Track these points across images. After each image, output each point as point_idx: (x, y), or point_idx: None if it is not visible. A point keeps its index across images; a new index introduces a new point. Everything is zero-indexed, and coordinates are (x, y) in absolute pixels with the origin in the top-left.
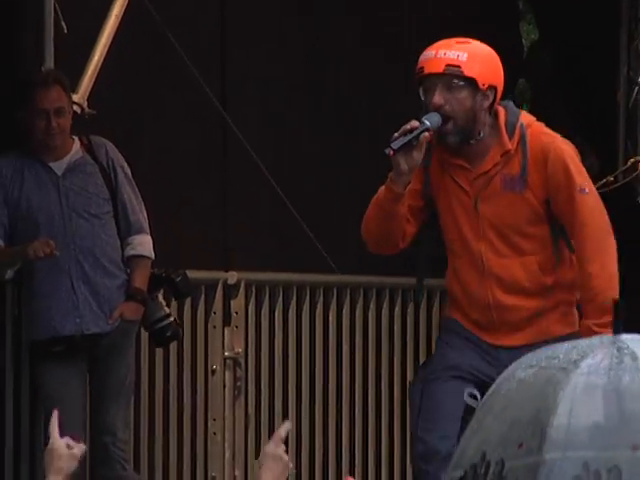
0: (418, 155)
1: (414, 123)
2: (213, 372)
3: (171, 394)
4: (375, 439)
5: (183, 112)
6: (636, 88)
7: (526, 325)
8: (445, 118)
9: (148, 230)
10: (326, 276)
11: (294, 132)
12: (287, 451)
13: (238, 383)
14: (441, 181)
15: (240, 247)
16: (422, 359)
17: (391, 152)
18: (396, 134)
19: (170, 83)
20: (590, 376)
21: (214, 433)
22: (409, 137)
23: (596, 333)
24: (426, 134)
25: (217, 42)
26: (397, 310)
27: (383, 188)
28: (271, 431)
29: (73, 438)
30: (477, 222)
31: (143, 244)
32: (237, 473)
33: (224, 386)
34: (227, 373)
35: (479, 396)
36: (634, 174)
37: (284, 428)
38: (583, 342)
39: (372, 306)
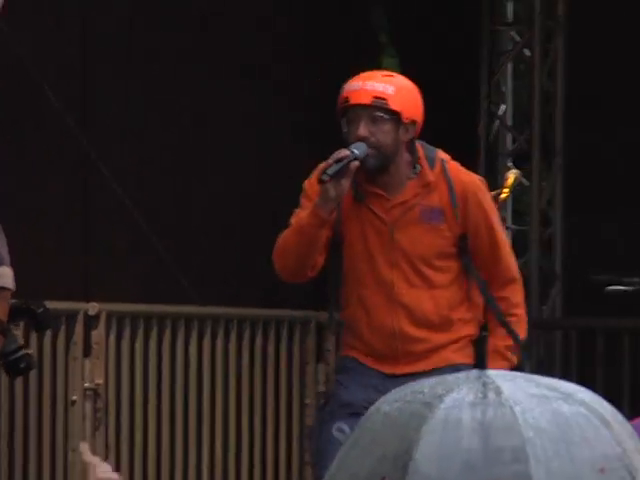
0: (346, 183)
1: (344, 152)
2: (73, 403)
3: (31, 425)
4: (235, 467)
5: (44, 143)
6: (497, 121)
7: (427, 355)
8: (369, 148)
9: (8, 261)
10: (188, 307)
11: (156, 163)
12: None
13: (98, 414)
14: (354, 210)
15: (101, 278)
16: (283, 387)
17: (328, 179)
18: (329, 160)
19: (29, 113)
20: (454, 410)
21: (74, 464)
22: (341, 165)
23: (498, 360)
24: (355, 162)
25: (79, 75)
26: (258, 341)
27: (304, 215)
28: (131, 462)
29: None
30: (391, 251)
31: (3, 276)
32: None
33: (84, 417)
34: (87, 404)
35: (348, 430)
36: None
37: None
38: (449, 377)
39: (233, 337)
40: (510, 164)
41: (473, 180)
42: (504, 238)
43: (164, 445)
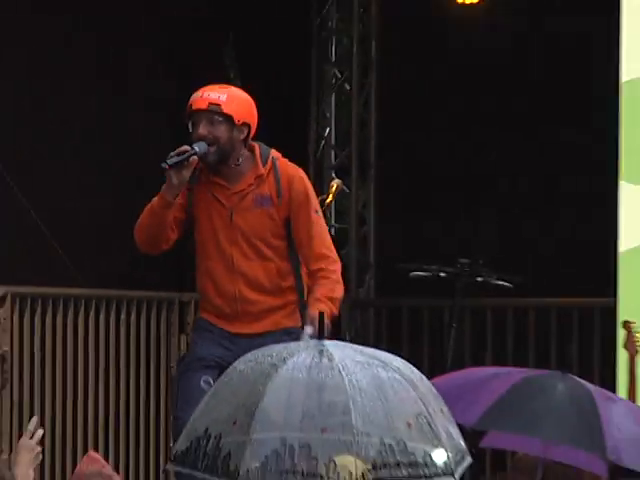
0: (187, 173)
1: (186, 147)
2: None
3: None
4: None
5: None
6: (322, 141)
7: (262, 317)
8: (209, 145)
9: None
10: (78, 289)
11: (43, 146)
12: (42, 442)
13: (5, 375)
14: (203, 198)
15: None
16: (153, 355)
17: (167, 166)
18: (172, 153)
19: None
20: (295, 371)
21: None
22: (181, 157)
23: (320, 304)
24: (195, 157)
25: None
26: (132, 318)
27: (156, 197)
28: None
29: None
30: (231, 230)
31: None
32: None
33: None
34: None
35: (212, 382)
36: (326, 201)
37: (32, 422)
38: (293, 344)
39: (113, 316)
40: (333, 175)
41: (297, 172)
42: (320, 221)
43: (58, 404)
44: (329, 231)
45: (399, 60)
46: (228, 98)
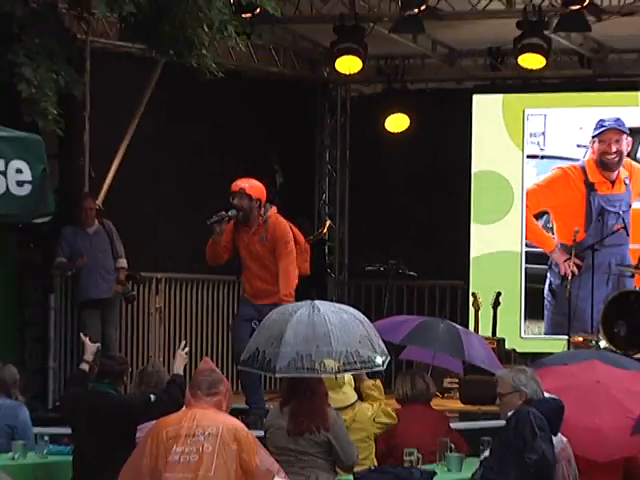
0: (225, 226)
1: (222, 212)
2: None
3: None
4: None
5: None
6: (321, 201)
7: (266, 296)
8: (238, 211)
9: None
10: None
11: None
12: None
13: None
14: (239, 236)
15: None
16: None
17: (209, 223)
18: (214, 215)
19: None
20: (300, 317)
21: None
22: (218, 217)
23: (284, 300)
24: (230, 218)
25: None
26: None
27: (211, 239)
28: None
29: None
30: (250, 253)
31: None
32: None
33: None
34: None
35: (256, 324)
36: (322, 231)
37: (183, 344)
38: (298, 304)
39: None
40: (327, 218)
41: (278, 223)
42: (289, 253)
43: (193, 338)
44: (323, 248)
45: (360, 162)
46: (249, 186)
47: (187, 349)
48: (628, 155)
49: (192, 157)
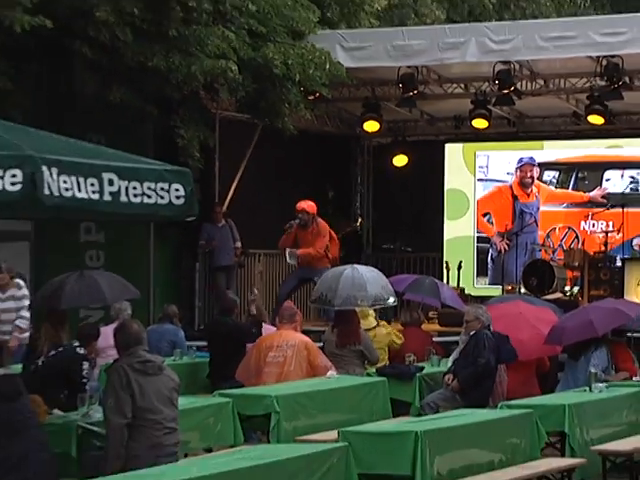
0: (293, 229)
1: (293, 222)
2: None
3: None
4: None
5: None
6: (357, 210)
7: (320, 265)
8: (301, 220)
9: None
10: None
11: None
12: None
13: None
14: (300, 233)
15: None
16: None
17: (285, 227)
18: (288, 223)
19: None
20: (347, 273)
21: None
22: (290, 225)
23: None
24: (295, 224)
25: None
26: None
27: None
28: None
29: None
30: (307, 243)
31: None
32: None
33: None
34: None
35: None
36: (357, 225)
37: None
38: (346, 265)
39: None
40: (360, 219)
41: (321, 227)
42: (321, 239)
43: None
44: (358, 235)
45: (378, 185)
46: (307, 206)
47: (256, 291)
48: (538, 179)
49: (278, 182)
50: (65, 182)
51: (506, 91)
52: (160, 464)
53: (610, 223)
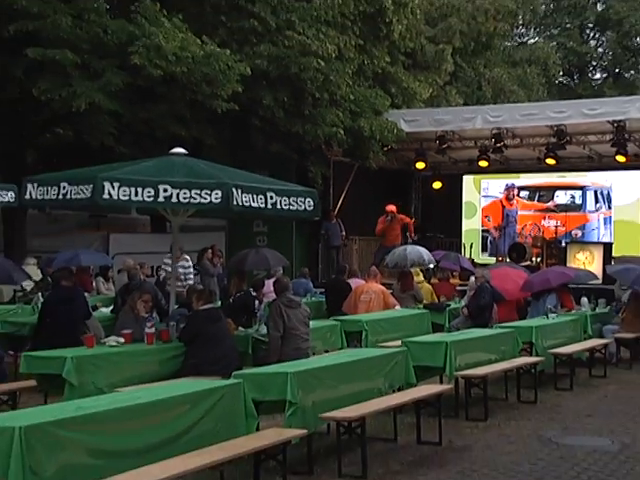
0: (387, 224)
1: (386, 217)
2: None
3: None
4: None
5: None
6: (412, 206)
7: (390, 240)
8: (390, 217)
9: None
10: None
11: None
12: None
13: None
14: (389, 226)
15: None
16: None
17: (379, 220)
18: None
19: None
20: (408, 248)
21: None
22: (388, 218)
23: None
24: (388, 219)
25: None
26: None
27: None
28: None
29: None
30: (393, 230)
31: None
32: None
33: None
34: None
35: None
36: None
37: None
38: (407, 245)
39: None
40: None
41: (399, 219)
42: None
43: None
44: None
45: (424, 201)
46: (392, 207)
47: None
48: (517, 195)
49: (366, 198)
50: (245, 197)
51: (498, 145)
52: (300, 359)
53: (558, 221)
